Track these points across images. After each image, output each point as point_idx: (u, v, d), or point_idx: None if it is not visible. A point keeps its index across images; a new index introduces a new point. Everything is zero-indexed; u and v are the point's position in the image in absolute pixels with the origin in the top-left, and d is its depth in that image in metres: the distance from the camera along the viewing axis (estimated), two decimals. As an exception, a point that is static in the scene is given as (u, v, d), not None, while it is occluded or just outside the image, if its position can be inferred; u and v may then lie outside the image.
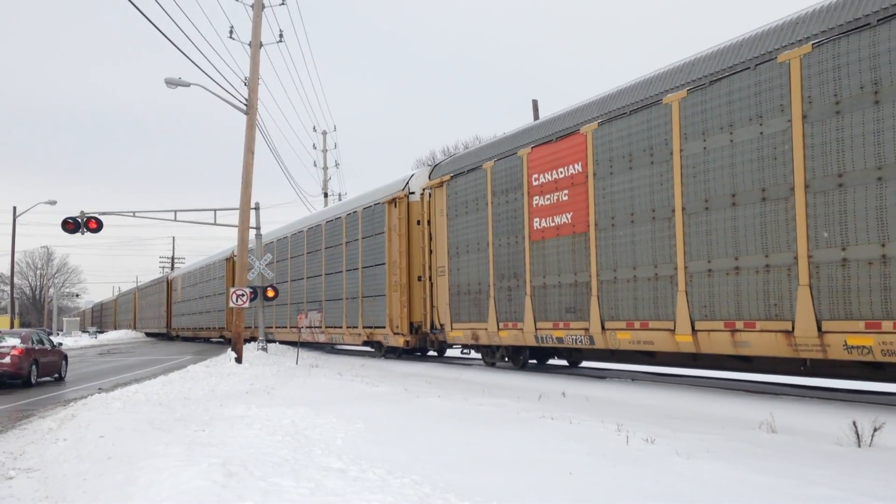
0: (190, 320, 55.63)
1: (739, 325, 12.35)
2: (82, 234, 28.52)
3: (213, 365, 23.70)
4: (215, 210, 30.88)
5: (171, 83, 24.32)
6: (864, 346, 10.46)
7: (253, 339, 45.33)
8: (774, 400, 11.90)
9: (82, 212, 28.59)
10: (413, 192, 23.79)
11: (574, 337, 16.21)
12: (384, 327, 24.90)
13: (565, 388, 14.85)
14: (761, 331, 11.95)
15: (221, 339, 49.07)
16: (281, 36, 28.43)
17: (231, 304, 25.22)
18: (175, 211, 31.48)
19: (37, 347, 22.00)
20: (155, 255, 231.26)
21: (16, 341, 21.27)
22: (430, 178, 22.45)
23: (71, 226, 28.15)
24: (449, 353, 27.08)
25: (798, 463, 7.92)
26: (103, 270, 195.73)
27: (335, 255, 29.31)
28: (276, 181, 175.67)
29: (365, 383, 17.82)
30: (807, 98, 11.33)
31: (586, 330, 15.77)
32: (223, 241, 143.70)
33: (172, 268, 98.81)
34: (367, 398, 14.65)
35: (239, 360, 24.17)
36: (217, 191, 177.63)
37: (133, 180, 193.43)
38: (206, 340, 54.14)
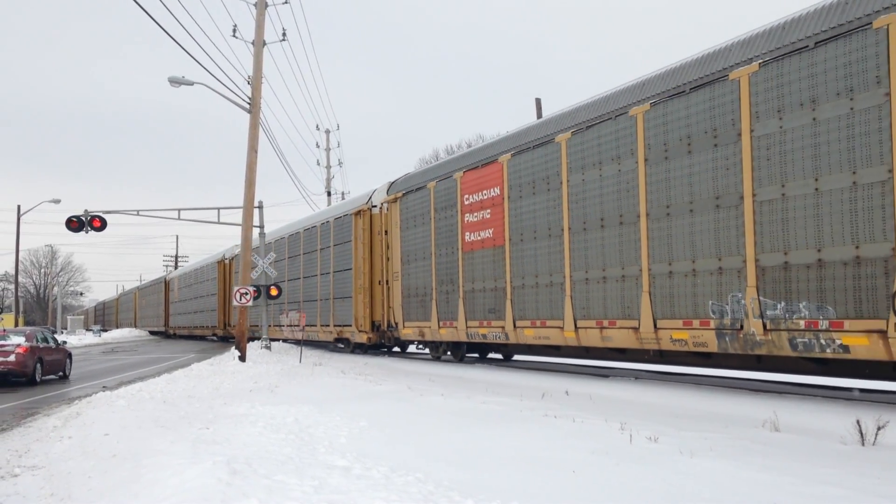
0: (186, 319, 58.46)
1: (605, 322, 15.37)
2: (86, 232, 28.58)
3: (217, 363, 23.75)
4: (219, 209, 30.95)
5: (175, 82, 24.35)
6: (682, 339, 13.61)
7: (226, 337, 47.97)
8: (778, 398, 11.90)
9: (86, 210, 28.64)
10: (375, 206, 26.72)
11: (494, 334, 19.25)
12: (351, 326, 27.65)
13: (568, 387, 14.86)
14: (619, 327, 14.98)
15: (215, 337, 51.78)
16: (284, 34, 28.44)
17: (235, 303, 25.25)
18: (179, 210, 31.54)
19: (41, 346, 22.05)
20: (159, 253, 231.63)
21: (20, 340, 21.32)
22: (387, 193, 25.42)
23: (75, 224, 28.21)
24: (410, 349, 29.23)
25: (802, 461, 7.92)
26: (107, 269, 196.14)
27: (311, 260, 32.06)
28: (280, 180, 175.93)
29: (368, 381, 17.84)
30: (647, 145, 14.34)
31: (503, 328, 18.74)
32: (227, 240, 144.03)
33: (176, 266, 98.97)
34: (370, 396, 14.66)
35: (243, 358, 24.21)
36: (220, 189, 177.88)
37: (137, 179, 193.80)
38: (203, 338, 56.14)
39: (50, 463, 9.46)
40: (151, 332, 73.71)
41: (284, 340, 36.65)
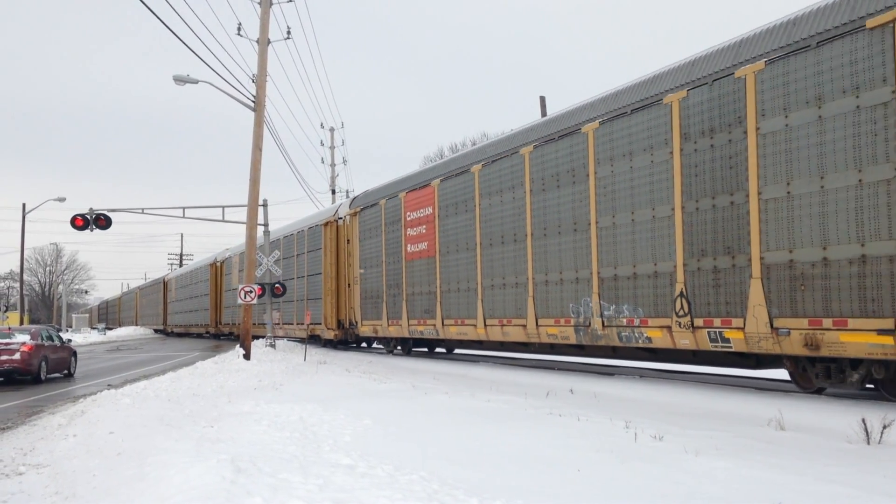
0: (182, 318, 61.92)
1: (505, 321, 18.70)
2: (91, 230, 28.64)
3: (222, 361, 23.77)
4: (223, 207, 31.00)
5: (180, 80, 24.37)
6: (554, 334, 16.98)
7: (218, 335, 52.49)
8: (783, 397, 11.87)
9: (91, 208, 28.69)
10: (341, 218, 29.75)
11: (428, 330, 22.58)
12: (321, 324, 30.70)
13: (573, 385, 14.85)
14: (514, 325, 18.37)
15: (207, 334, 54.89)
16: (289, 33, 28.45)
17: (239, 301, 25.27)
18: (183, 208, 31.58)
19: (46, 344, 22.10)
20: (164, 251, 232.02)
21: (25, 338, 21.37)
22: (350, 207, 28.87)
23: (80, 222, 28.26)
24: (375, 345, 31.61)
25: (807, 460, 7.90)
26: (112, 267, 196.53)
27: (290, 265, 34.99)
28: (285, 178, 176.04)
29: (373, 380, 17.85)
30: (532, 179, 17.63)
31: (434, 326, 22.13)
32: (232, 238, 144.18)
33: (181, 264, 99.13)
34: (375, 395, 14.67)
35: (247, 356, 24.22)
36: (225, 186, 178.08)
37: (142, 177, 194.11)
38: (199, 336, 58.18)
39: (55, 461, 9.48)
40: (156, 331, 74.21)
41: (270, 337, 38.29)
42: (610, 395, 13.67)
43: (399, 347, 26.85)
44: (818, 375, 12.00)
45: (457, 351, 26.84)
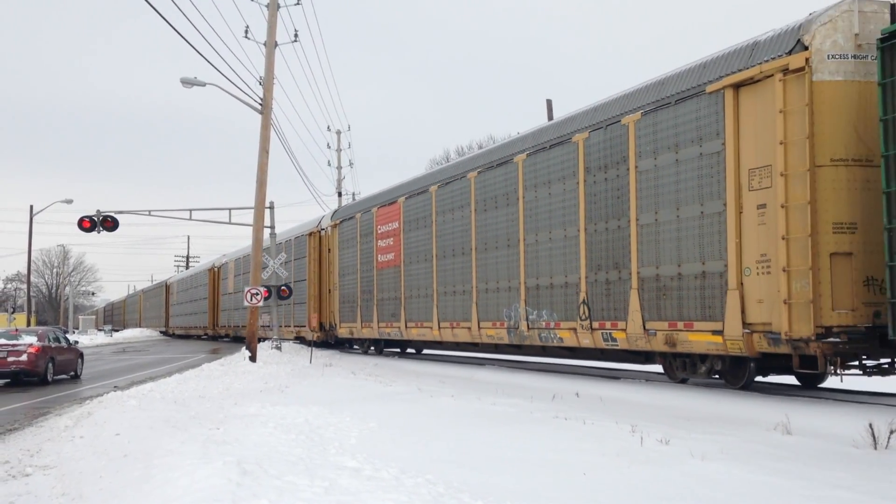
0: (183, 320, 64.85)
1: (455, 324, 21.35)
2: (98, 232, 28.69)
3: (228, 363, 23.80)
4: (230, 209, 31.05)
5: (187, 83, 24.42)
6: (491, 335, 19.63)
7: (216, 336, 54.40)
8: (790, 401, 11.84)
9: (98, 210, 28.77)
10: (324, 229, 32.19)
11: (395, 332, 25.39)
12: (306, 326, 33.16)
13: (579, 389, 14.82)
14: (461, 328, 21.03)
15: (206, 336, 57.28)
16: (296, 36, 28.49)
17: (246, 303, 25.31)
18: (190, 210, 31.67)
19: (53, 345, 22.16)
20: (171, 253, 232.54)
21: (32, 339, 21.42)
22: (331, 219, 31.41)
23: (87, 224, 28.32)
24: (354, 346, 33.50)
25: (814, 465, 7.87)
26: (119, 269, 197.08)
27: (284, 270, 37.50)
28: (291, 180, 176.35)
29: (378, 382, 17.85)
30: (476, 200, 20.51)
31: (399, 328, 24.80)
32: (238, 240, 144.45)
33: (187, 266, 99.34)
34: (380, 397, 14.67)
35: (253, 358, 24.24)
36: (233, 187, 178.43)
37: (149, 179, 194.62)
38: (199, 337, 60.13)
39: (61, 462, 9.51)
40: (162, 333, 74.63)
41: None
42: (616, 399, 13.64)
43: (372, 348, 29.49)
44: (678, 368, 14.75)
45: (425, 351, 29.03)
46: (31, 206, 57.24)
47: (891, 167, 10.35)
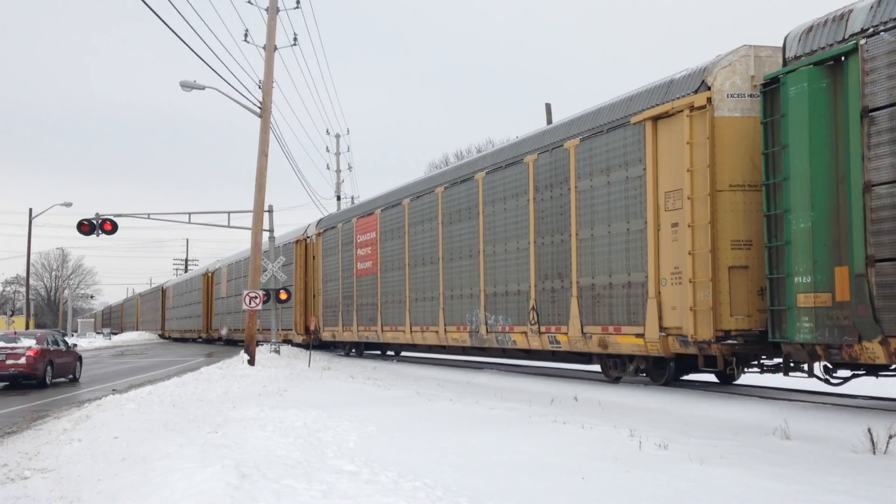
0: (178, 324, 66.49)
1: (425, 328, 22.98)
2: (97, 235, 28.71)
3: (226, 367, 23.77)
4: (229, 212, 31.12)
5: (187, 86, 24.44)
6: (455, 338, 21.43)
7: (209, 339, 56.05)
8: (789, 406, 11.83)
9: (97, 213, 28.78)
10: (309, 237, 33.67)
11: (372, 335, 27.01)
12: (292, 329, 34.39)
13: (578, 393, 14.82)
14: (430, 331, 22.68)
15: (200, 339, 58.58)
16: (295, 39, 28.53)
17: (244, 307, 25.31)
18: (189, 213, 31.78)
19: (52, 348, 22.14)
20: (170, 256, 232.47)
21: (31, 342, 21.39)
22: (316, 228, 32.87)
23: (86, 227, 28.34)
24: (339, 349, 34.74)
25: (812, 470, 7.87)
26: (118, 272, 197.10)
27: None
28: (290, 184, 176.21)
29: (377, 386, 17.85)
30: (443, 213, 21.89)
31: (376, 331, 26.45)
32: (238, 244, 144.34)
33: (186, 270, 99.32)
34: (379, 401, 14.67)
35: (252, 362, 24.22)
36: (232, 191, 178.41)
37: (148, 182, 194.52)
38: (193, 341, 61.16)
39: (59, 466, 9.50)
40: (160, 336, 74.76)
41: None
42: (614, 403, 13.64)
43: (353, 350, 31.21)
44: (611, 367, 16.37)
45: (403, 353, 30.67)
46: (31, 209, 57.30)
47: (770, 194, 11.98)
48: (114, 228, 28.64)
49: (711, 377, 15.78)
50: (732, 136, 13.18)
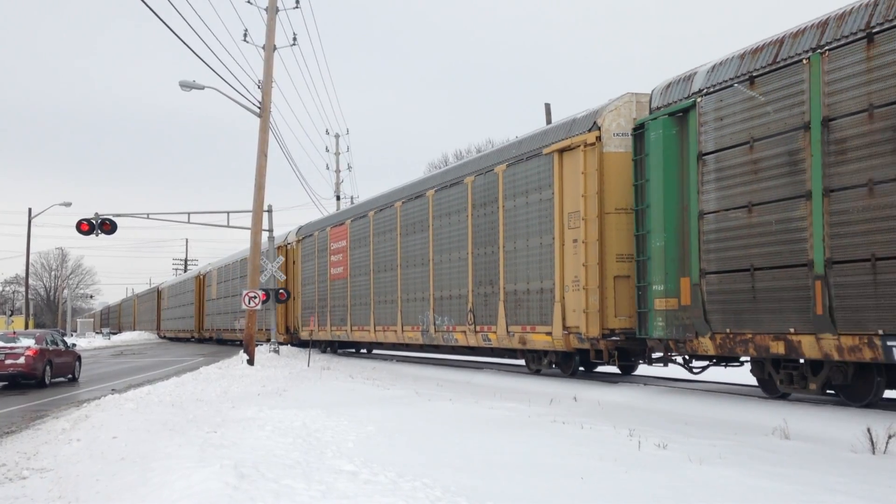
0: (172, 324, 69.40)
1: (387, 328, 25.53)
2: (97, 235, 28.67)
3: (226, 367, 23.78)
4: (228, 212, 31.12)
5: (186, 86, 24.43)
6: (411, 336, 23.83)
7: (201, 339, 58.07)
8: (788, 406, 11.83)
9: (97, 213, 28.75)
10: (290, 243, 36.22)
11: (342, 335, 29.76)
12: (274, 329, 35.37)
13: (577, 393, 14.82)
14: (390, 330, 25.28)
15: (193, 339, 60.68)
16: (295, 39, 28.56)
17: (244, 306, 25.31)
18: (188, 213, 31.80)
19: (51, 348, 22.14)
20: (170, 256, 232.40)
21: (30, 342, 21.39)
22: (296, 235, 35.65)
23: (85, 227, 28.30)
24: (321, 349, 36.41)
25: (812, 470, 7.86)
26: (117, 272, 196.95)
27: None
28: (290, 184, 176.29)
29: (376, 386, 17.84)
30: (402, 225, 24.60)
31: (346, 331, 29.16)
32: (237, 244, 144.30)
33: (185, 270, 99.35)
34: (378, 401, 14.66)
35: (251, 362, 24.23)
36: (232, 191, 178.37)
37: (148, 182, 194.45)
38: (187, 340, 63.36)
39: (58, 465, 9.48)
40: (161, 336, 75.06)
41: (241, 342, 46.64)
42: (614, 403, 13.64)
43: (328, 348, 33.62)
44: (531, 361, 19.33)
45: (375, 351, 33.31)
46: (30, 209, 57.39)
47: (638, 218, 14.64)
48: (113, 228, 28.62)
49: (615, 369, 18.00)
50: (617, 168, 15.65)
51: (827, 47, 11.05)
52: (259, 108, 25.03)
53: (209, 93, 24.77)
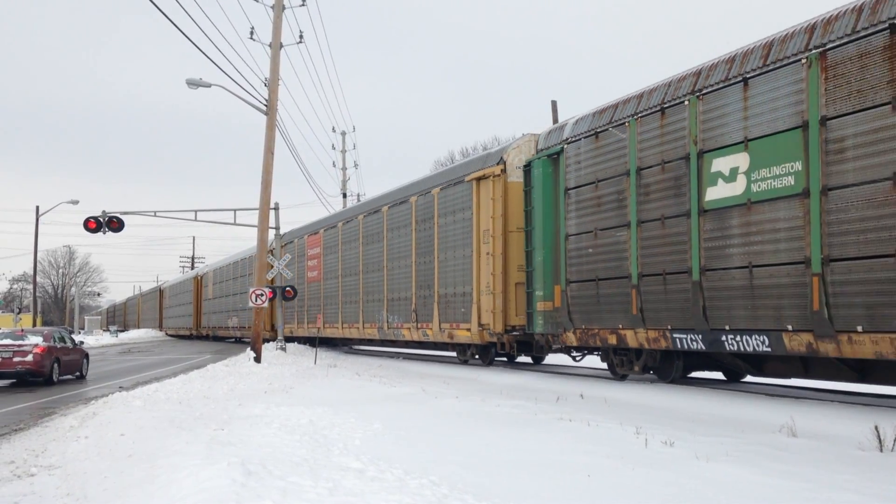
0: (173, 322, 73.32)
1: (353, 325, 29.27)
2: (104, 233, 28.76)
3: (233, 364, 23.83)
4: (235, 210, 31.15)
5: (193, 84, 24.46)
6: (370, 332, 27.73)
7: (199, 336, 61.14)
8: (795, 403, 11.80)
9: (104, 211, 28.84)
10: (273, 249, 37.27)
11: (315, 331, 32.88)
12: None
13: (584, 390, 14.81)
14: (354, 328, 29.18)
15: (191, 336, 63.86)
16: (301, 37, 28.54)
17: (250, 304, 25.35)
18: (195, 211, 31.77)
19: (58, 346, 22.20)
20: (177, 254, 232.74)
21: (38, 339, 21.47)
22: (280, 241, 36.57)
23: (93, 225, 28.40)
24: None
25: (819, 467, 7.84)
26: (125, 270, 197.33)
27: (244, 282, 44.10)
28: (296, 181, 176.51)
29: (383, 384, 17.85)
30: (363, 235, 28.27)
31: (318, 328, 32.70)
32: (245, 241, 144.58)
33: (192, 267, 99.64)
34: (385, 398, 14.67)
35: (258, 359, 24.27)
36: (238, 188, 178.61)
37: (155, 180, 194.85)
38: (187, 337, 65.87)
39: (66, 463, 9.52)
40: (172, 335, 75.40)
41: (235, 339, 52.58)
42: (620, 401, 13.62)
43: (308, 343, 35.70)
44: (459, 353, 22.98)
45: (355, 347, 37.18)
46: (38, 207, 57.49)
47: (528, 237, 18.29)
48: (120, 226, 28.71)
49: (529, 359, 22.43)
50: (517, 195, 19.19)
51: (639, 115, 14.56)
52: (266, 105, 25.05)
53: (216, 91, 24.84)
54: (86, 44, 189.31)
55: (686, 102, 13.45)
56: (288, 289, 30.09)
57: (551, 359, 21.82)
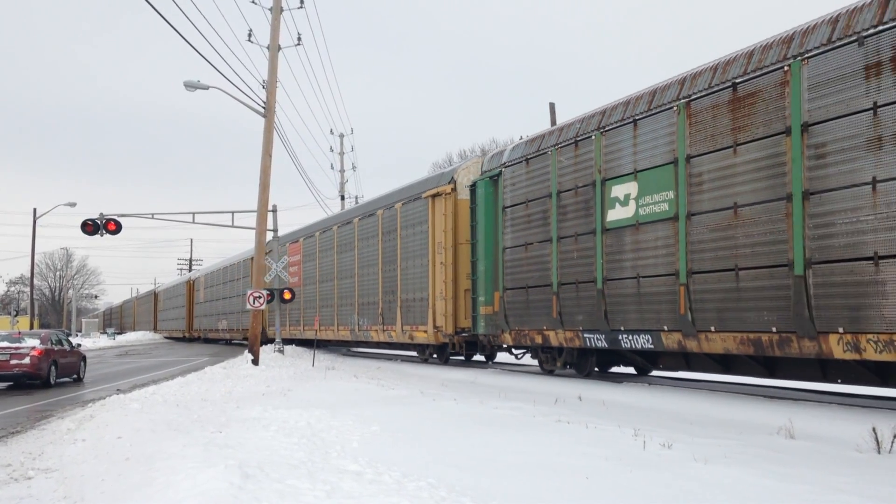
0: (167, 324, 75.94)
1: (329, 327, 31.63)
2: (101, 235, 28.73)
3: (230, 367, 23.79)
4: (233, 212, 31.10)
5: (190, 86, 24.45)
6: (344, 334, 30.81)
7: (191, 338, 62.44)
8: (793, 405, 11.81)
9: (102, 213, 28.80)
10: (270, 251, 40.34)
11: (298, 333, 35.73)
12: (248, 329, 39.02)
13: (581, 393, 14.80)
14: (330, 329, 31.48)
15: (184, 338, 65.32)
16: (299, 39, 28.55)
17: (248, 306, 25.32)
18: (193, 213, 31.75)
19: (56, 348, 22.16)
20: (175, 256, 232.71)
21: (35, 342, 21.43)
22: (268, 245, 38.51)
23: (90, 227, 28.36)
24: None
25: (817, 469, 7.85)
26: (122, 272, 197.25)
27: (234, 286, 46.63)
28: (294, 183, 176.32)
29: (381, 386, 17.83)
30: (338, 244, 31.15)
31: (300, 329, 35.30)
32: (243, 243, 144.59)
33: (190, 270, 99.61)
34: (383, 401, 14.65)
35: (256, 361, 24.24)
36: (236, 191, 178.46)
37: (153, 182, 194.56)
38: (179, 339, 67.30)
39: (63, 466, 9.51)
40: (166, 337, 75.40)
41: (226, 341, 54.30)
42: (618, 403, 13.62)
43: (294, 344, 37.44)
44: (419, 352, 25.48)
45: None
46: (35, 209, 57.39)
47: (474, 249, 20.53)
48: (118, 228, 28.67)
49: (482, 358, 24.57)
50: (465, 212, 21.25)
51: (559, 146, 16.81)
52: (264, 107, 25.04)
53: (214, 93, 24.85)
54: (82, 45, 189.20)
55: (593, 137, 15.78)
56: (286, 291, 30.03)
57: (502, 357, 23.74)
